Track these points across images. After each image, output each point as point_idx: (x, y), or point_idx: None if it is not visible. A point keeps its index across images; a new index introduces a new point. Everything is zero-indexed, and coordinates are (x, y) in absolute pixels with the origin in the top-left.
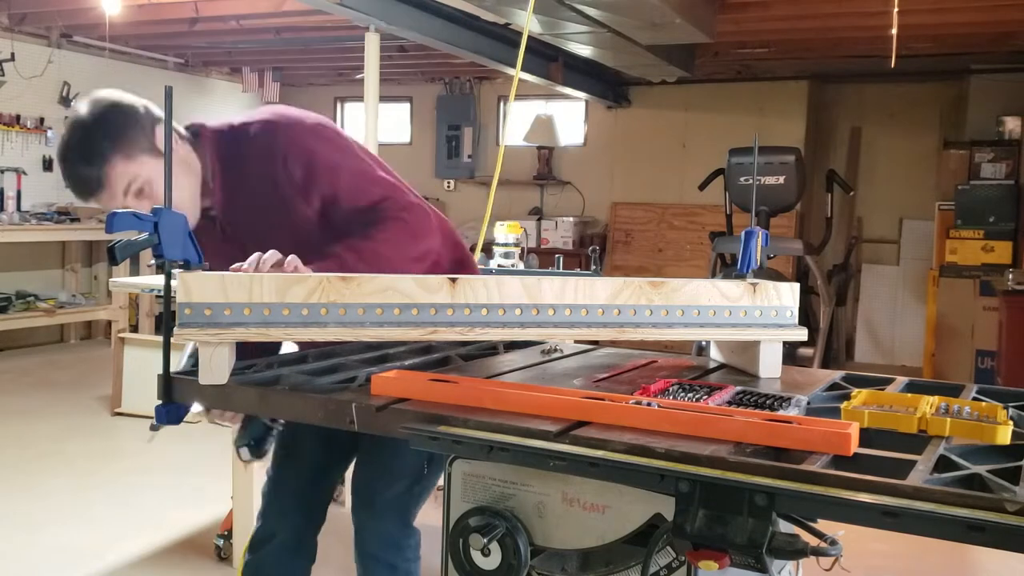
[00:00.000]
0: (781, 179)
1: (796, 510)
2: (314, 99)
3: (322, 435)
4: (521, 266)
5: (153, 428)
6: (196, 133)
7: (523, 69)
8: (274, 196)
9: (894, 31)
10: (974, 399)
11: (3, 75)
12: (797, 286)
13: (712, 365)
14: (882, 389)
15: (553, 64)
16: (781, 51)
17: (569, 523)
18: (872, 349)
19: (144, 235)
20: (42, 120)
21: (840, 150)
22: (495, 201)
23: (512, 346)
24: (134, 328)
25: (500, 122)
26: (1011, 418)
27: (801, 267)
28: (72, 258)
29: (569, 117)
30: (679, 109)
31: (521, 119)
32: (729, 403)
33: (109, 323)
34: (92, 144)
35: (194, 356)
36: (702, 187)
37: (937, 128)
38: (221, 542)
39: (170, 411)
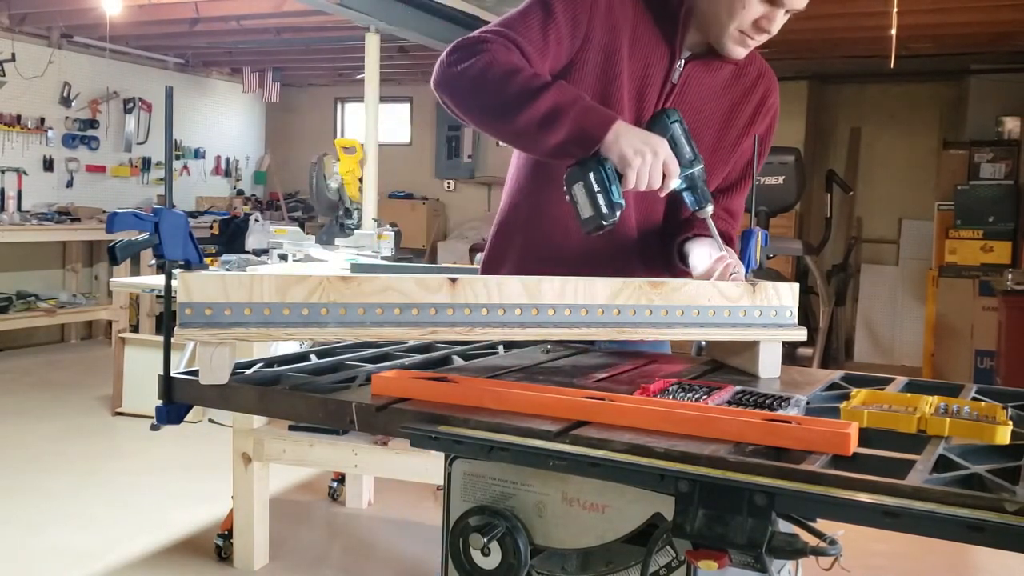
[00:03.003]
0: (781, 179)
1: (796, 510)
2: (314, 99)
3: None
4: None
5: (154, 428)
6: None
7: None
8: None
9: (894, 31)
10: (973, 399)
11: (4, 75)
12: (797, 286)
13: (712, 365)
14: (881, 389)
15: None
16: (781, 51)
17: (569, 523)
18: (871, 349)
19: (144, 235)
20: (43, 120)
21: (840, 150)
22: (495, 201)
23: (512, 346)
24: (134, 328)
25: None
26: (1011, 418)
27: (800, 267)
28: (72, 258)
29: None
30: None
31: None
32: (729, 403)
33: (109, 323)
34: None
35: None
36: None
37: (937, 128)
38: (221, 542)
39: (170, 411)
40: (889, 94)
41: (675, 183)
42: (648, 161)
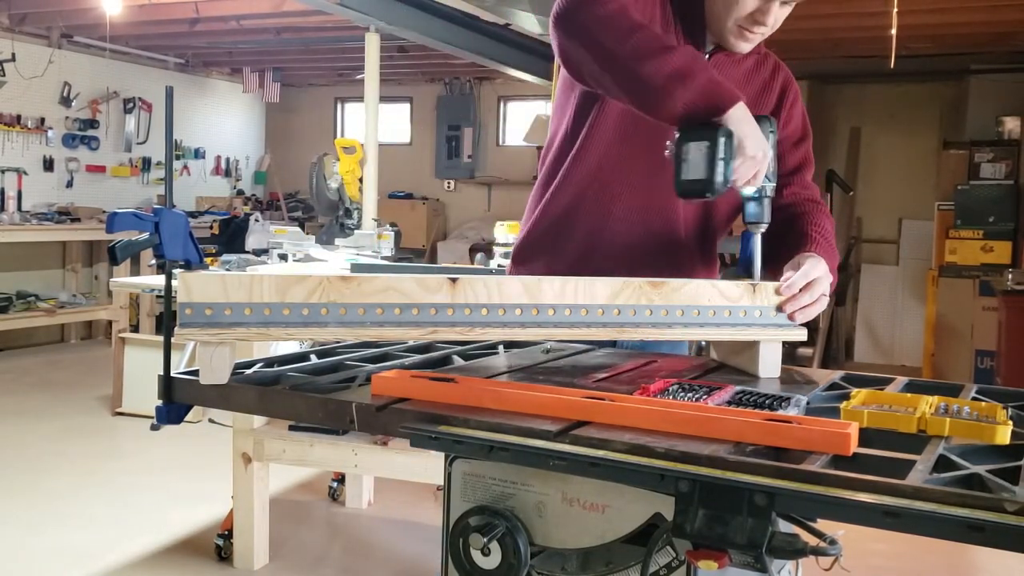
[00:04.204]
0: None
1: (796, 510)
2: (314, 99)
3: None
4: None
5: (154, 428)
6: None
7: (523, 69)
8: None
9: (894, 31)
10: (973, 399)
11: (4, 75)
12: None
13: (712, 365)
14: (881, 389)
15: (553, 64)
16: (781, 51)
17: (569, 523)
18: (871, 349)
19: (145, 235)
20: (43, 120)
21: (840, 150)
22: (495, 201)
23: (512, 346)
24: (134, 328)
25: (500, 122)
26: (1011, 418)
27: None
28: (72, 258)
29: None
30: None
31: (521, 119)
32: (729, 403)
33: (109, 323)
34: None
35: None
36: None
37: (937, 128)
38: (221, 542)
39: (170, 411)
40: (889, 94)
41: (750, 190)
42: (758, 160)
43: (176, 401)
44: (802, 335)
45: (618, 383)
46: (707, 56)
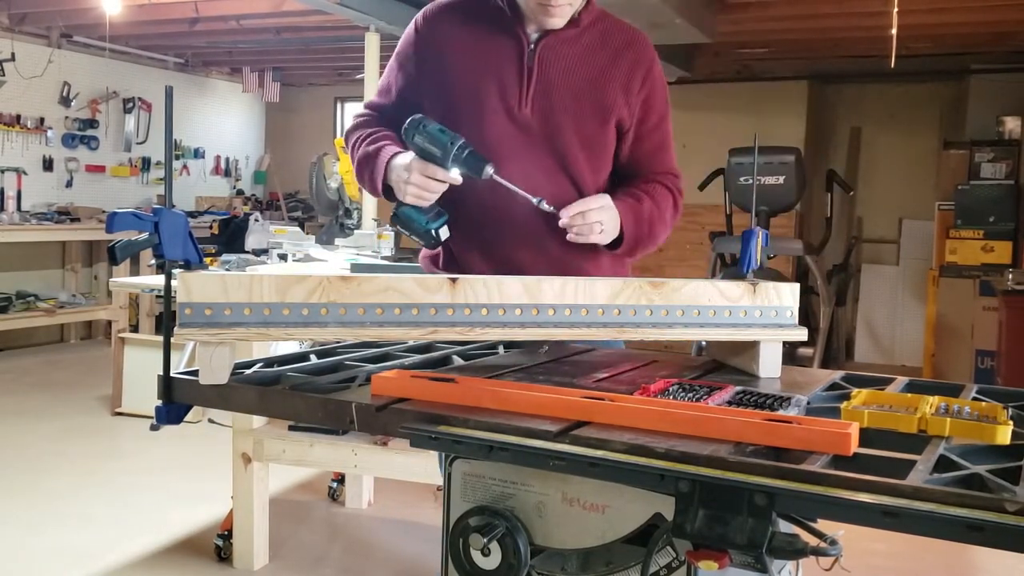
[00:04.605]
0: (781, 179)
1: (796, 510)
2: (314, 99)
3: None
4: None
5: (153, 428)
6: None
7: None
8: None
9: (894, 31)
10: (974, 399)
11: (3, 75)
12: (797, 286)
13: (712, 365)
14: (882, 389)
15: None
16: (781, 51)
17: (569, 523)
18: (872, 349)
19: (144, 235)
20: (42, 120)
21: (840, 150)
22: None
23: (512, 346)
24: (134, 328)
25: None
26: (1011, 418)
27: (801, 267)
28: (72, 258)
29: None
30: (678, 109)
31: None
32: (729, 403)
33: (109, 323)
34: None
35: None
36: (702, 187)
37: (937, 128)
38: (221, 542)
39: (170, 411)
40: (889, 94)
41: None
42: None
43: (176, 401)
44: (802, 335)
45: (618, 383)
46: (534, 46)
